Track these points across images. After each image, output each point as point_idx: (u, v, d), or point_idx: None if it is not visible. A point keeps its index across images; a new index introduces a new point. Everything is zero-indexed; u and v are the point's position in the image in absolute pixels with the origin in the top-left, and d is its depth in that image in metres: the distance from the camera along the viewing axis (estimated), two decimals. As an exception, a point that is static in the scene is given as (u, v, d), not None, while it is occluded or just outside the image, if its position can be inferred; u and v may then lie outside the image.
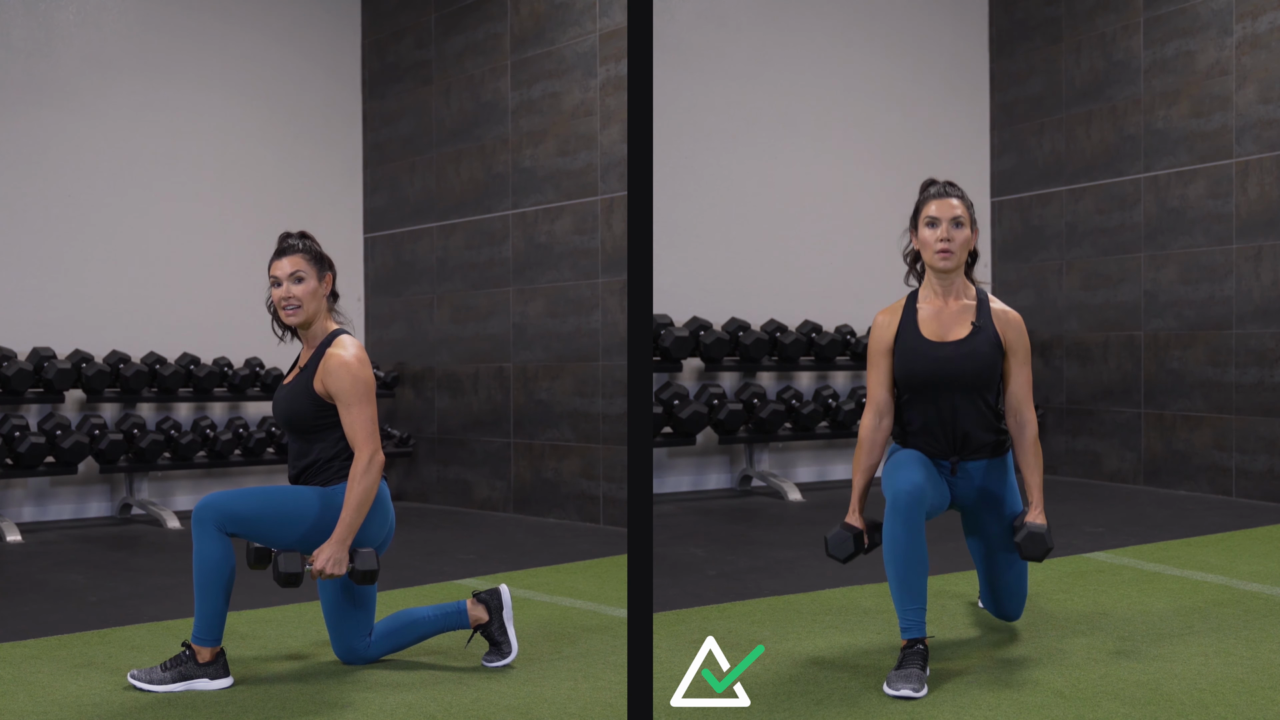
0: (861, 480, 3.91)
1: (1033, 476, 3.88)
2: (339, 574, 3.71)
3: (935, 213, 3.82)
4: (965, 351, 3.80)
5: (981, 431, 3.85)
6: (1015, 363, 3.88)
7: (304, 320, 3.87)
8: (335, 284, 3.95)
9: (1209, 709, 3.28)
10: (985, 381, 3.83)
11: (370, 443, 3.74)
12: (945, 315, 3.86)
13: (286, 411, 3.85)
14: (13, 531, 6.73)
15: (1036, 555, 3.81)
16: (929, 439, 3.85)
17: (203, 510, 3.67)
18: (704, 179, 7.97)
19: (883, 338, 3.88)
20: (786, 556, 5.74)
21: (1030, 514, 3.85)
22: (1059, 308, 8.61)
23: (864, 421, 3.90)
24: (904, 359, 3.83)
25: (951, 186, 3.88)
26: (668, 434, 7.43)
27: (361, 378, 3.78)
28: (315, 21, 8.61)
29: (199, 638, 3.72)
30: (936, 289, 3.88)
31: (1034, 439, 3.88)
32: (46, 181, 7.49)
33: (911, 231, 3.92)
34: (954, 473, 3.88)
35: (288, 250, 3.89)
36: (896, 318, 3.88)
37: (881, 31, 8.71)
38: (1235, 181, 7.43)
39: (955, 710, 3.34)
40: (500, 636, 3.95)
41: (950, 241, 3.80)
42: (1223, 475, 7.47)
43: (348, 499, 3.71)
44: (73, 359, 7.24)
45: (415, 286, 8.42)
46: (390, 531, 3.97)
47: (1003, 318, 3.88)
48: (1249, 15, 7.40)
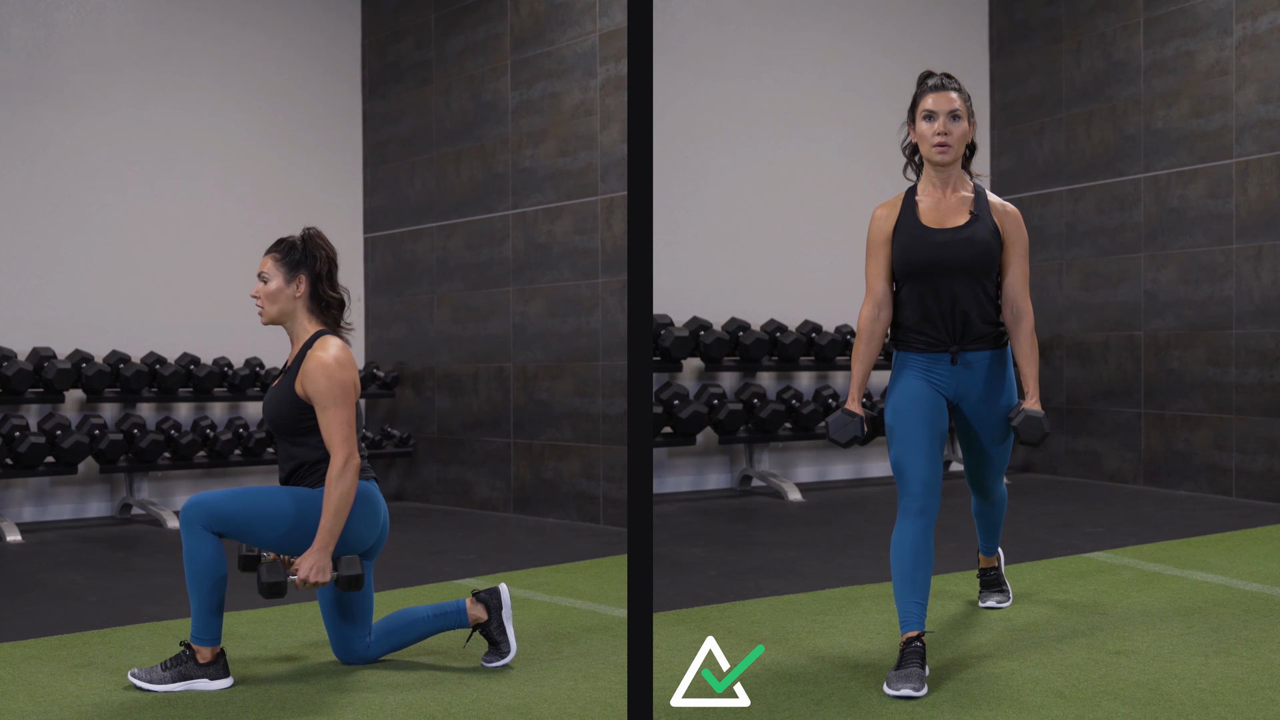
0: (861, 370, 3.88)
1: (1029, 367, 3.88)
2: (323, 582, 3.69)
3: (933, 106, 3.82)
4: (964, 237, 3.79)
5: (980, 320, 3.83)
6: (1013, 254, 3.87)
7: (270, 320, 3.88)
8: (323, 288, 3.88)
9: (1209, 709, 3.28)
10: (984, 267, 3.81)
11: (345, 446, 3.71)
12: (944, 205, 3.86)
13: (271, 414, 3.85)
14: (13, 531, 6.73)
15: (1034, 439, 3.81)
16: (929, 328, 3.82)
17: (190, 510, 3.67)
18: (704, 179, 7.97)
19: (881, 229, 3.87)
20: (786, 556, 5.74)
21: (1027, 402, 3.85)
22: (1059, 308, 8.61)
23: (862, 313, 3.88)
24: (903, 246, 3.82)
25: (949, 79, 3.88)
26: (668, 434, 7.43)
27: (338, 380, 3.74)
28: (315, 21, 8.61)
29: (197, 638, 3.72)
30: (935, 181, 3.88)
31: (1030, 330, 3.88)
32: (46, 181, 7.49)
33: (909, 124, 3.92)
34: (954, 362, 3.84)
35: (268, 250, 3.91)
36: (895, 210, 3.87)
37: (881, 31, 8.71)
38: (1235, 181, 7.43)
39: (955, 710, 3.34)
40: (499, 636, 3.95)
41: (948, 135, 3.81)
42: (1223, 475, 7.47)
43: (325, 505, 3.69)
44: (73, 359, 7.24)
45: (415, 286, 8.42)
46: (384, 532, 3.94)
47: (1000, 210, 3.88)
48: (1249, 15, 7.40)
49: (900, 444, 3.75)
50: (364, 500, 3.81)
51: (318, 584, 3.69)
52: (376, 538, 3.90)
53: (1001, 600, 4.51)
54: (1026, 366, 3.88)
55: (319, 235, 3.95)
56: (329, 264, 3.92)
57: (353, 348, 3.99)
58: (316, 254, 3.90)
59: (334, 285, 3.94)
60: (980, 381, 3.87)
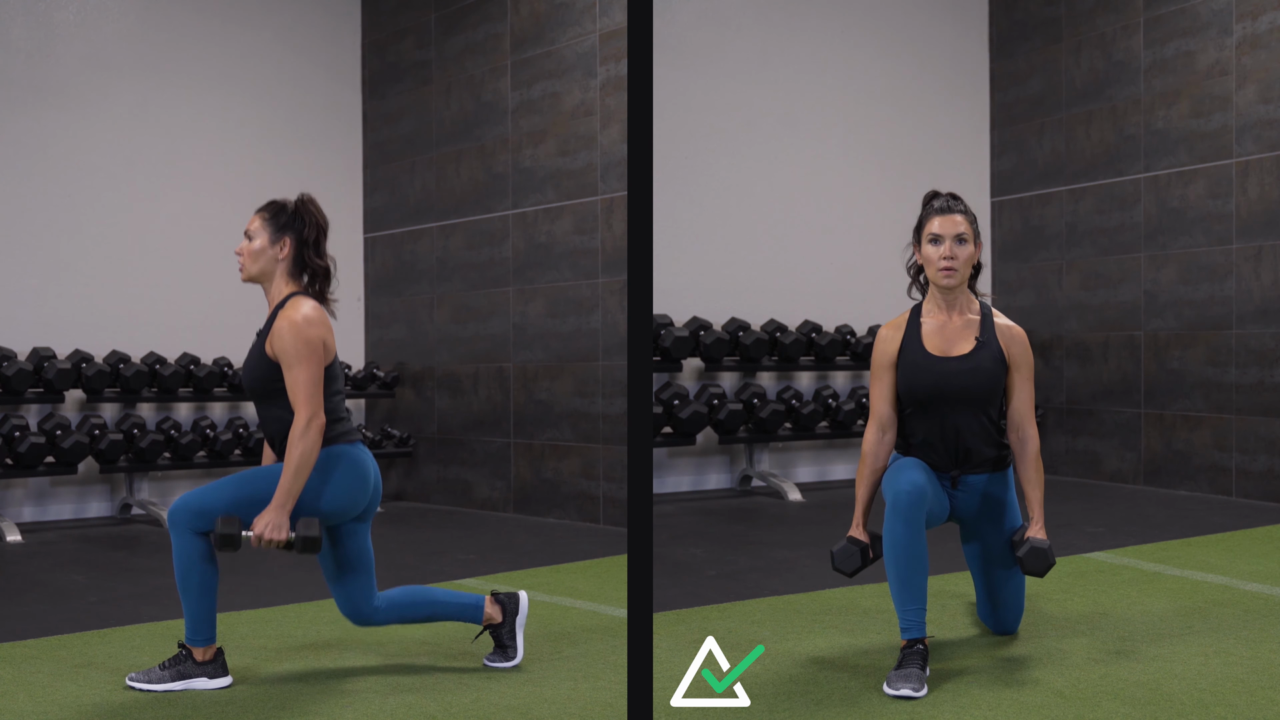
0: (865, 493, 3.91)
1: (1034, 492, 3.88)
2: (279, 539, 3.61)
3: (939, 230, 3.81)
4: (969, 367, 3.80)
5: (984, 446, 3.86)
6: (1019, 378, 3.88)
7: (249, 278, 3.85)
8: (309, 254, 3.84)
9: (1209, 709, 3.28)
10: (989, 397, 3.83)
11: (309, 405, 3.64)
12: (949, 330, 3.86)
13: (245, 375, 3.81)
14: (13, 531, 6.73)
15: (1039, 570, 3.81)
16: (930, 452, 3.86)
17: (175, 513, 3.66)
18: (704, 179, 7.97)
19: (886, 351, 3.88)
20: (786, 556, 5.74)
21: (1032, 529, 3.85)
22: (1059, 308, 8.61)
23: (867, 435, 3.91)
24: (907, 374, 3.83)
25: (955, 200, 3.86)
26: (668, 434, 7.43)
27: (304, 337, 3.68)
28: (315, 21, 8.61)
29: (191, 638, 3.72)
30: (940, 303, 3.88)
31: (1036, 454, 3.88)
32: (46, 181, 7.49)
33: (915, 245, 3.90)
34: (955, 486, 3.88)
35: (259, 209, 3.89)
36: (900, 332, 3.88)
37: (881, 31, 8.71)
38: (1235, 181, 7.43)
39: (955, 710, 3.34)
40: (508, 641, 3.94)
41: (954, 260, 3.80)
42: (1223, 475, 7.47)
43: (286, 463, 3.63)
44: (73, 359, 7.24)
45: (415, 286, 8.42)
46: (376, 493, 3.85)
47: (1006, 333, 3.88)
48: (1249, 15, 7.40)
49: (895, 470, 3.75)
50: (351, 466, 3.75)
51: (273, 542, 3.61)
52: (368, 501, 3.83)
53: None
54: (1032, 492, 3.88)
55: (312, 202, 3.91)
56: (317, 231, 3.87)
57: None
58: (305, 219, 3.86)
59: (320, 253, 3.88)
60: (978, 498, 3.90)
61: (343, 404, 3.84)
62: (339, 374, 3.83)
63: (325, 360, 3.75)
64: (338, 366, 3.83)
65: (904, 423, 3.90)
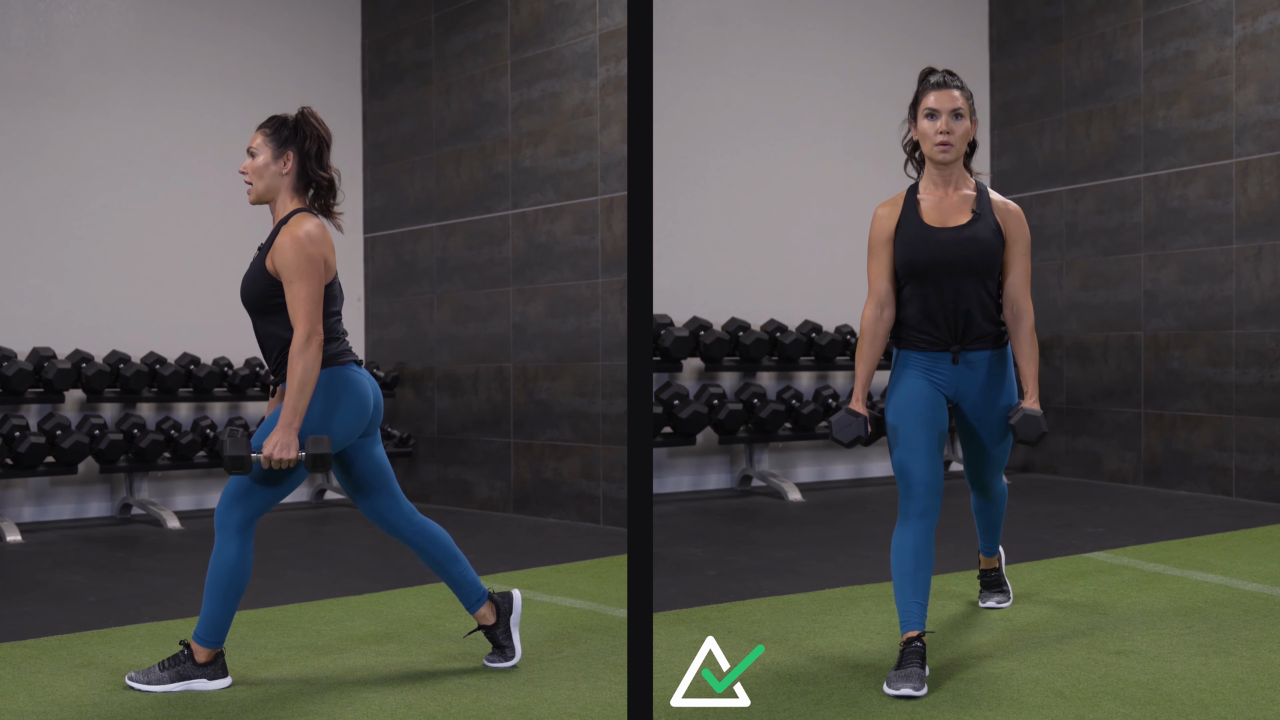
0: (865, 370, 3.86)
1: (1028, 366, 3.87)
2: (289, 459, 3.57)
3: (935, 104, 3.82)
4: (966, 236, 3.79)
5: (982, 319, 3.82)
6: (1015, 252, 3.86)
7: (257, 197, 3.81)
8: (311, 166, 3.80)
9: (1209, 709, 3.28)
10: (986, 266, 3.81)
11: (308, 321, 3.61)
12: (946, 204, 3.85)
13: (244, 290, 3.77)
14: (13, 531, 6.73)
15: (1031, 438, 3.81)
16: (931, 326, 3.81)
17: (220, 514, 3.67)
18: (704, 179, 7.97)
19: (884, 227, 3.86)
20: (786, 556, 5.74)
21: (1026, 401, 3.85)
22: (1059, 308, 8.61)
23: (865, 312, 3.87)
24: (905, 245, 3.80)
25: (951, 76, 3.87)
26: (668, 434, 7.43)
27: (306, 253, 3.65)
28: (315, 21, 8.61)
29: (201, 638, 3.71)
30: (936, 179, 3.87)
31: (1030, 329, 3.88)
32: (46, 181, 7.49)
33: (910, 122, 3.91)
34: (955, 362, 3.84)
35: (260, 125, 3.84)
36: (897, 209, 3.86)
37: (881, 31, 8.71)
38: (1235, 181, 7.43)
39: (955, 710, 3.34)
40: (505, 641, 3.94)
41: (950, 134, 3.80)
42: (1223, 475, 7.47)
43: (289, 381, 3.60)
44: (73, 359, 7.24)
45: (415, 286, 8.42)
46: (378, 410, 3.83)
47: (1003, 208, 3.88)
48: (1249, 15, 7.40)
49: (903, 445, 3.74)
50: (348, 385, 3.72)
51: (283, 461, 3.58)
52: (370, 417, 3.80)
53: (1002, 600, 4.51)
54: (1026, 366, 3.88)
55: (313, 114, 3.87)
56: (319, 143, 3.84)
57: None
58: (307, 131, 3.82)
59: (324, 165, 3.84)
60: (980, 380, 3.87)
61: (340, 324, 3.80)
62: (338, 294, 3.79)
63: (326, 278, 3.71)
64: (337, 287, 3.78)
65: (902, 304, 3.86)
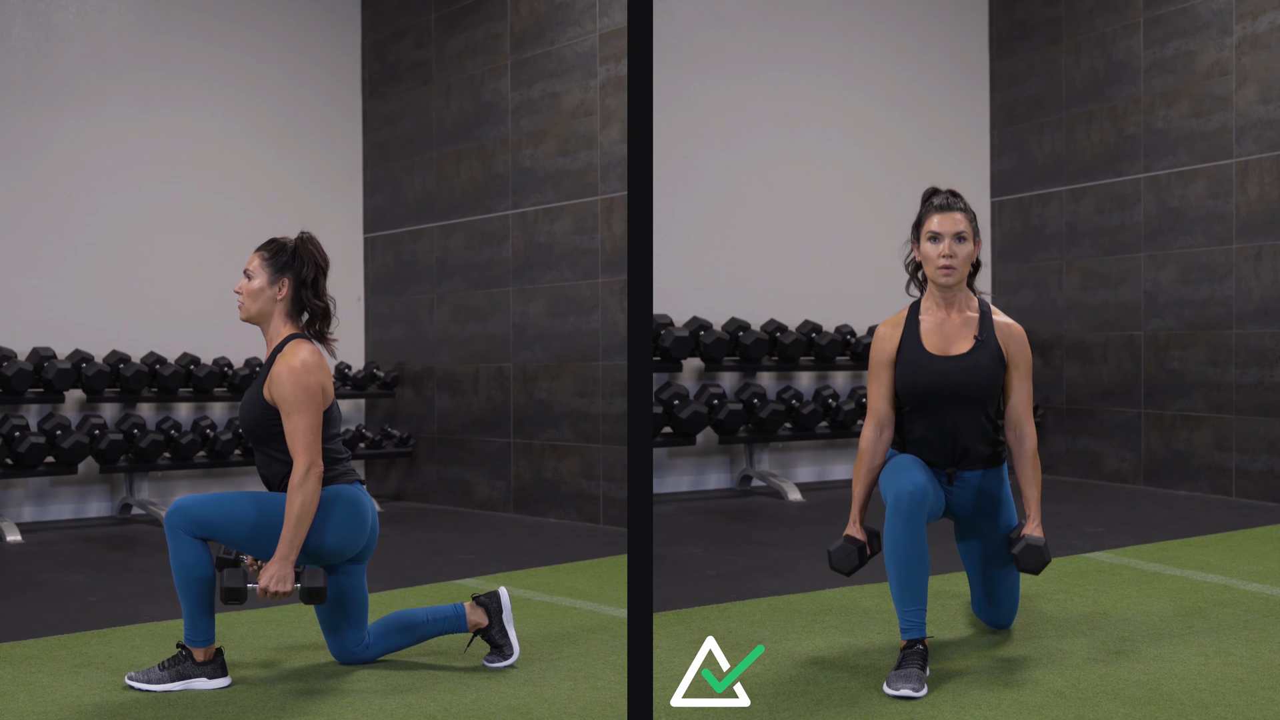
0: (862, 490, 3.90)
1: (1031, 490, 3.88)
2: (284, 591, 3.65)
3: (938, 228, 3.79)
4: (968, 366, 3.79)
5: (980, 444, 3.86)
6: (1017, 376, 3.87)
7: (248, 317, 3.85)
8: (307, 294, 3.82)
9: (1209, 709, 3.27)
10: (987, 396, 3.82)
11: (308, 454, 3.66)
12: (948, 328, 3.85)
13: (243, 418, 3.83)
14: (13, 531, 6.73)
15: (1034, 568, 3.81)
16: (926, 449, 3.86)
17: (172, 516, 3.68)
18: (704, 179, 7.96)
19: (885, 349, 3.87)
20: (786, 556, 5.74)
21: (1028, 526, 3.85)
22: (1059, 308, 8.61)
23: (864, 433, 3.89)
24: (906, 372, 3.82)
25: (954, 198, 3.85)
26: (668, 434, 7.43)
27: (303, 384, 3.68)
28: (315, 21, 8.61)
29: (190, 639, 3.73)
30: (939, 301, 3.87)
31: (1033, 452, 3.88)
32: (46, 181, 7.48)
33: (913, 243, 3.89)
34: (950, 482, 3.88)
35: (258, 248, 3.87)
36: (899, 330, 3.87)
37: (881, 31, 8.71)
38: (1235, 181, 7.43)
39: (955, 710, 3.34)
40: (501, 639, 3.94)
41: (953, 258, 3.79)
42: (1223, 475, 7.47)
43: (286, 514, 3.65)
44: (73, 359, 7.24)
45: (415, 286, 8.42)
46: (373, 535, 3.90)
47: (1005, 330, 3.87)
48: (1249, 15, 7.39)
49: (893, 469, 3.75)
50: (350, 505, 3.78)
51: (279, 594, 3.66)
52: (365, 542, 3.87)
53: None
54: (1029, 490, 3.88)
55: (312, 241, 3.88)
56: (316, 270, 3.85)
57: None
58: (305, 259, 3.84)
59: (319, 293, 3.86)
60: (973, 491, 3.90)
61: (341, 445, 3.86)
62: (337, 416, 3.84)
63: (324, 405, 3.76)
64: (336, 409, 3.83)
65: (902, 420, 3.89)
